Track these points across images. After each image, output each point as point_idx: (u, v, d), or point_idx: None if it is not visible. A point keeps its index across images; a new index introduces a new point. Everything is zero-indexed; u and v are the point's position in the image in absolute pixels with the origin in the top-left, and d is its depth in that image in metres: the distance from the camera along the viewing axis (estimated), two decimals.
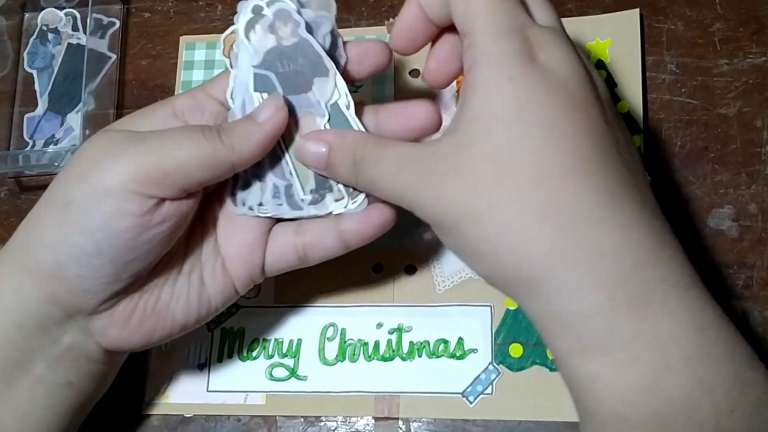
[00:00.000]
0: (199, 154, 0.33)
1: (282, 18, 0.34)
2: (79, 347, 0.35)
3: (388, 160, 0.32)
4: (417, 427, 0.40)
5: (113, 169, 0.32)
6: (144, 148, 0.33)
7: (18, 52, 0.51)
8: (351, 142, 0.33)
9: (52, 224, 0.33)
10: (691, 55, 0.45)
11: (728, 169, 0.43)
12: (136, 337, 0.36)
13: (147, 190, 0.32)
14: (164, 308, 0.36)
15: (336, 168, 0.34)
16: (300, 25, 0.34)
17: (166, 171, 0.32)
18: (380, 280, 0.43)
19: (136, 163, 0.32)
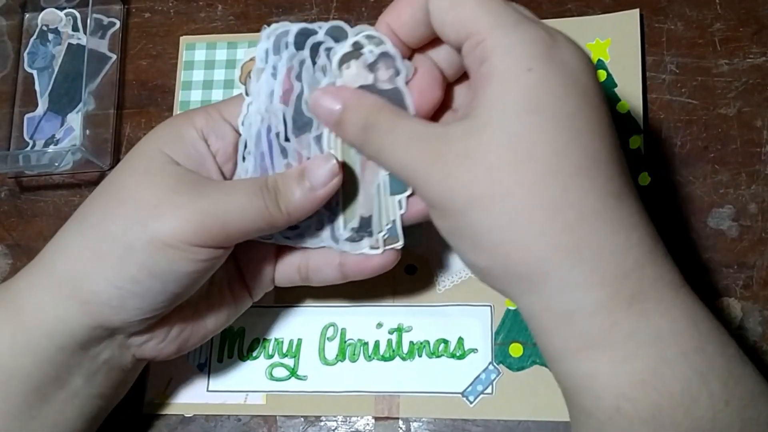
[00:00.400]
0: (258, 218, 0.34)
1: (386, 62, 0.33)
2: (116, 360, 0.36)
3: (402, 131, 0.32)
4: (417, 427, 0.40)
5: (175, 222, 0.32)
6: (205, 204, 0.33)
7: (18, 52, 0.51)
8: (367, 105, 0.33)
9: (116, 265, 0.33)
10: (691, 55, 0.45)
11: (728, 169, 0.43)
12: (171, 347, 0.37)
13: (207, 243, 0.33)
14: (199, 319, 0.38)
15: (345, 127, 0.33)
16: (401, 74, 0.33)
17: (226, 231, 0.33)
18: (380, 280, 0.43)
19: (198, 219, 0.33)
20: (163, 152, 0.35)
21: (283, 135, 0.35)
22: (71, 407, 0.36)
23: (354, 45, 0.34)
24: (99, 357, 0.35)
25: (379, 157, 0.33)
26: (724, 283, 0.41)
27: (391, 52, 0.33)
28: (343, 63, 0.34)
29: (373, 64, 0.34)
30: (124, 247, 0.33)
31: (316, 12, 0.49)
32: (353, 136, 0.33)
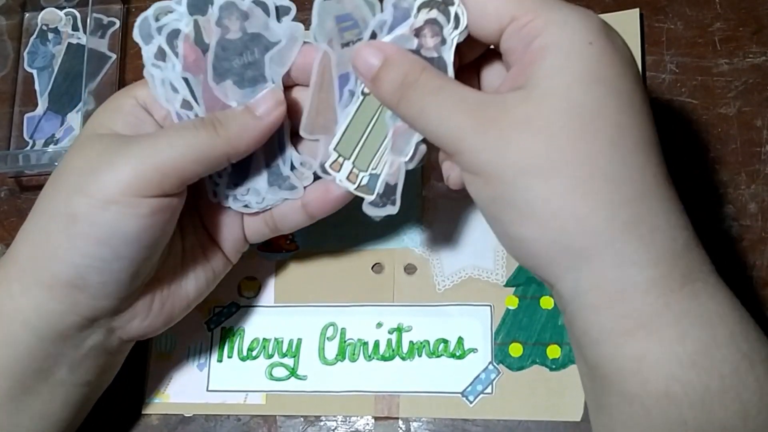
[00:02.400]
0: (194, 151, 0.33)
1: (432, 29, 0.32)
2: (101, 346, 0.36)
3: (449, 94, 0.31)
4: (417, 426, 0.40)
5: (110, 177, 0.32)
6: (137, 152, 0.32)
7: (18, 51, 0.51)
8: (410, 63, 0.32)
9: (63, 239, 0.33)
10: (691, 55, 0.45)
11: (728, 169, 0.43)
12: (157, 322, 0.37)
13: (148, 191, 0.32)
14: (178, 288, 0.38)
15: (381, 84, 0.32)
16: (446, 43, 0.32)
17: (163, 171, 0.32)
18: (380, 280, 0.43)
19: (132, 168, 0.32)
20: (100, 124, 0.35)
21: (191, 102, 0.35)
22: (56, 397, 0.35)
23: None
24: (84, 345, 0.35)
25: (421, 116, 0.31)
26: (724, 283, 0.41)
27: (440, 20, 0.32)
28: (424, 8, 0.32)
29: (419, 29, 0.33)
30: (67, 218, 0.32)
31: None
32: (389, 93, 0.32)
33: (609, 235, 0.28)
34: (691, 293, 0.28)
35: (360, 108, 0.34)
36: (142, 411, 0.42)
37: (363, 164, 0.35)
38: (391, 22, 0.33)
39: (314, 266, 0.44)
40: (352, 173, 0.35)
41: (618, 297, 0.28)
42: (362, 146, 0.35)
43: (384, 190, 0.35)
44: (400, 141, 0.34)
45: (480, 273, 0.42)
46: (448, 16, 0.32)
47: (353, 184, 0.35)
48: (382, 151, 0.35)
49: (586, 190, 0.28)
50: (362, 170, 0.35)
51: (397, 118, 0.34)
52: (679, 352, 0.27)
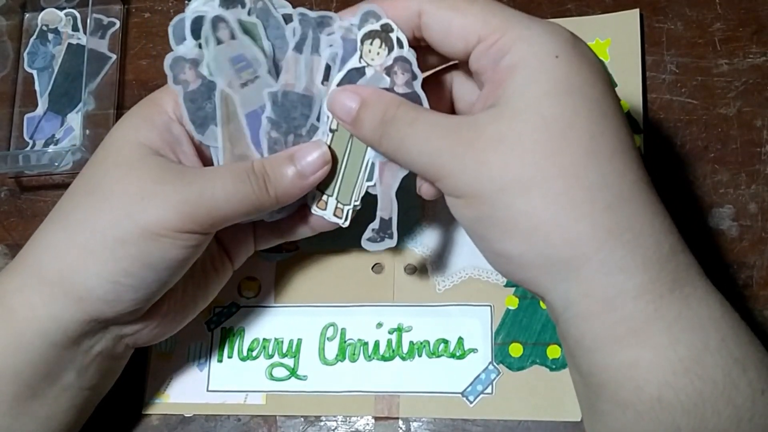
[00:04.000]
0: (245, 204, 0.34)
1: (402, 66, 0.33)
2: (109, 351, 0.36)
3: (425, 122, 0.31)
4: (417, 426, 0.40)
5: (162, 213, 0.33)
6: (191, 191, 0.33)
7: (18, 52, 0.51)
8: (386, 101, 0.33)
9: (108, 260, 0.33)
10: (691, 55, 0.45)
11: (728, 169, 0.43)
12: (166, 329, 0.38)
13: (195, 230, 0.33)
14: (188, 298, 0.38)
15: (362, 124, 0.33)
16: (417, 78, 0.33)
17: (213, 217, 0.33)
18: (380, 280, 0.43)
19: (185, 207, 0.33)
20: (139, 142, 0.34)
21: None
22: (62, 401, 0.36)
23: (383, 26, 0.33)
24: (92, 350, 0.35)
25: (401, 149, 0.32)
26: (724, 283, 0.41)
27: (408, 57, 0.33)
28: (366, 39, 0.34)
29: (390, 68, 0.34)
30: (114, 241, 0.33)
31: None
32: (370, 132, 0.33)
33: (594, 244, 0.28)
34: (681, 298, 0.28)
35: (331, 146, 0.35)
36: (142, 411, 0.42)
37: (346, 198, 0.36)
38: (341, 54, 0.35)
39: (314, 266, 0.44)
40: (338, 208, 0.36)
41: (608, 304, 0.28)
42: (341, 181, 0.36)
43: (380, 225, 0.36)
44: (387, 176, 0.35)
45: (480, 273, 0.42)
46: (391, 43, 0.33)
47: (341, 218, 0.36)
48: (360, 181, 0.36)
49: (566, 200, 0.28)
50: (346, 204, 0.36)
51: (380, 155, 0.34)
52: (671, 358, 0.27)
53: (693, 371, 0.27)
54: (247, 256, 0.41)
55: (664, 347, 0.27)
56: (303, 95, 0.35)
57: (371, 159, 0.35)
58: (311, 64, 0.35)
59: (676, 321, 0.28)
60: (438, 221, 0.43)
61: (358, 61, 0.34)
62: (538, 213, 0.28)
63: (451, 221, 0.43)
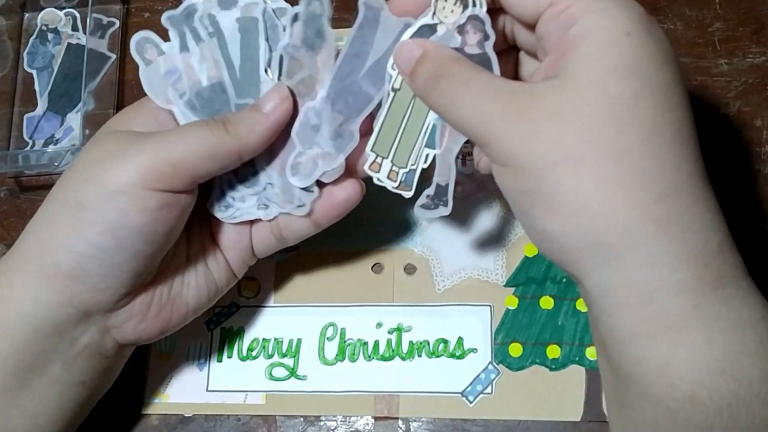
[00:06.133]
0: (205, 146, 0.33)
1: (475, 25, 0.33)
2: (96, 345, 0.36)
3: (480, 83, 0.30)
4: (417, 426, 0.40)
5: (122, 167, 0.33)
6: (150, 146, 0.33)
7: (18, 52, 0.51)
8: (446, 55, 0.32)
9: (68, 227, 0.33)
10: (691, 55, 0.45)
11: (728, 169, 0.43)
12: (153, 327, 0.37)
13: (158, 185, 0.33)
14: (178, 296, 0.37)
15: (418, 75, 0.32)
16: (489, 39, 0.33)
17: (174, 165, 0.33)
18: (380, 280, 0.43)
19: (145, 160, 0.33)
20: (118, 123, 0.35)
21: None
22: (51, 395, 0.35)
23: None
24: (78, 341, 0.35)
25: (451, 107, 0.31)
26: None
27: (481, 16, 0.32)
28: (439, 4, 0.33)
29: (462, 27, 0.33)
30: (75, 207, 0.33)
31: None
32: (422, 84, 0.32)
33: (640, 234, 0.27)
34: (722, 297, 0.27)
35: (392, 105, 0.35)
36: (142, 411, 0.42)
37: (402, 161, 0.35)
38: (361, 21, 0.34)
39: (314, 266, 0.44)
40: (392, 171, 0.35)
41: (647, 298, 0.27)
42: (399, 143, 0.35)
43: (435, 191, 0.35)
44: (448, 140, 0.34)
45: (480, 273, 0.42)
46: (466, 1, 0.33)
47: (394, 181, 0.35)
48: (419, 145, 0.35)
49: (618, 185, 0.27)
50: (402, 167, 0.35)
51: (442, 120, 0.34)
52: (707, 357, 0.27)
53: (728, 372, 0.27)
54: (246, 263, 0.40)
55: (699, 346, 0.27)
56: (211, 85, 0.36)
57: (432, 121, 0.34)
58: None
59: (715, 320, 0.27)
60: (438, 221, 0.43)
61: (431, 18, 0.33)
62: (587, 194, 0.27)
63: (451, 221, 0.43)
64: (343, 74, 0.35)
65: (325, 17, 0.35)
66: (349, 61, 0.35)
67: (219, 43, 0.36)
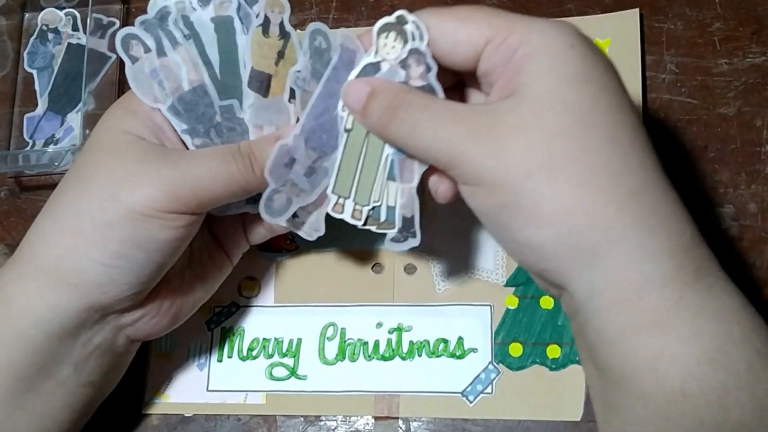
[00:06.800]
0: (231, 183, 0.34)
1: (417, 58, 0.33)
2: (108, 344, 0.36)
3: (439, 108, 0.31)
4: (417, 426, 0.40)
5: (147, 192, 0.33)
6: (176, 173, 0.33)
7: (18, 52, 0.51)
8: (397, 88, 0.32)
9: (98, 242, 0.33)
10: (691, 55, 0.45)
11: (728, 169, 0.43)
12: (165, 320, 0.38)
13: (181, 210, 0.34)
14: (187, 288, 0.38)
15: (371, 110, 0.33)
16: (432, 70, 0.33)
17: (198, 197, 0.34)
18: (380, 280, 0.43)
19: (170, 188, 0.33)
20: (123, 129, 0.35)
21: None
22: (59, 397, 0.35)
23: (398, 18, 0.33)
24: (91, 342, 0.35)
25: (413, 135, 0.31)
26: None
27: (422, 49, 0.33)
28: (382, 32, 0.34)
29: (404, 61, 0.33)
30: (102, 223, 0.33)
31: (316, 12, 0.49)
32: (377, 119, 0.32)
33: (620, 229, 0.27)
34: (704, 287, 0.28)
35: (347, 145, 0.35)
36: (142, 411, 0.42)
37: (363, 199, 0.35)
38: (335, 63, 0.35)
39: (314, 266, 0.44)
40: (356, 210, 0.36)
41: (634, 293, 0.27)
42: (358, 182, 0.35)
43: (402, 224, 0.35)
44: (407, 172, 0.34)
45: (480, 273, 0.42)
46: (406, 36, 0.33)
47: (359, 220, 0.36)
48: (380, 180, 0.35)
49: (592, 186, 0.28)
50: (364, 205, 0.35)
51: (400, 152, 0.34)
52: (695, 349, 0.27)
53: (717, 362, 0.27)
54: (242, 249, 0.41)
55: (687, 338, 0.27)
56: (193, 89, 0.36)
57: (390, 155, 0.34)
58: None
59: (700, 311, 0.27)
60: (438, 221, 0.43)
61: (374, 56, 0.34)
62: (564, 198, 0.28)
63: (451, 221, 0.43)
64: (317, 113, 0.35)
65: (331, 50, 0.35)
66: (323, 101, 0.35)
67: (196, 45, 0.36)
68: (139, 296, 0.35)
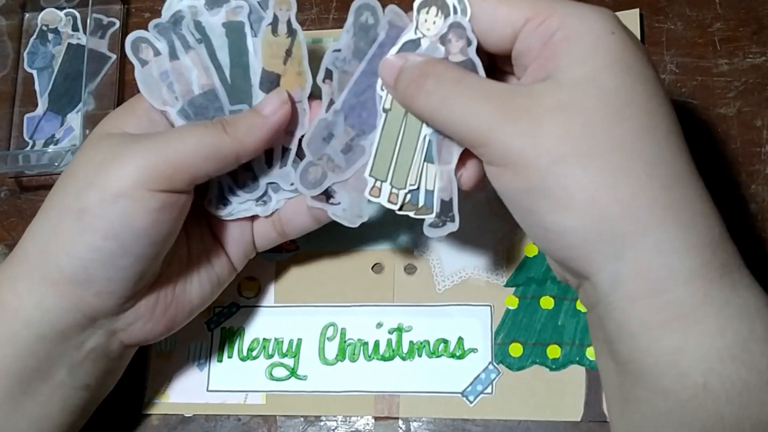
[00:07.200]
0: (204, 147, 0.34)
1: (456, 32, 0.33)
2: (102, 349, 0.36)
3: (472, 83, 0.31)
4: (417, 426, 0.40)
5: (122, 170, 0.33)
6: (149, 147, 0.33)
7: (18, 52, 0.51)
8: (428, 59, 0.32)
9: (71, 233, 0.33)
10: (691, 55, 0.45)
11: (728, 169, 0.43)
12: (159, 327, 0.37)
13: (159, 185, 0.33)
14: (182, 293, 0.38)
15: (399, 82, 0.32)
16: (472, 44, 0.32)
17: (173, 166, 0.33)
18: (380, 280, 0.43)
19: (144, 161, 0.33)
20: (112, 125, 0.35)
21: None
22: (55, 400, 0.35)
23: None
24: (83, 346, 0.35)
25: (442, 108, 0.31)
26: None
27: (463, 23, 0.32)
28: (423, 7, 0.33)
29: (444, 36, 0.33)
30: (77, 212, 0.33)
31: (316, 12, 0.49)
32: (404, 88, 0.32)
33: (650, 221, 0.27)
34: (729, 284, 0.27)
35: (385, 126, 0.34)
36: (142, 411, 0.42)
37: (400, 182, 0.35)
38: (383, 39, 0.34)
39: (314, 266, 0.44)
40: (392, 194, 0.35)
41: (659, 286, 0.27)
42: (395, 164, 0.35)
43: (441, 208, 0.34)
44: (445, 152, 0.34)
45: (480, 273, 0.42)
46: (447, 10, 0.33)
47: (395, 204, 0.35)
48: (417, 162, 0.34)
49: (625, 175, 0.27)
50: (401, 188, 0.35)
51: (438, 133, 0.33)
52: (718, 345, 0.27)
53: (739, 359, 0.26)
54: (248, 256, 0.40)
55: (711, 333, 0.27)
56: (204, 93, 0.36)
57: (428, 135, 0.34)
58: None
59: (724, 307, 0.27)
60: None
61: (414, 33, 0.33)
62: (596, 186, 0.28)
63: None
64: (359, 90, 0.35)
65: (378, 27, 0.35)
66: (366, 78, 0.35)
67: (207, 50, 0.36)
68: (122, 294, 0.34)
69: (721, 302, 0.27)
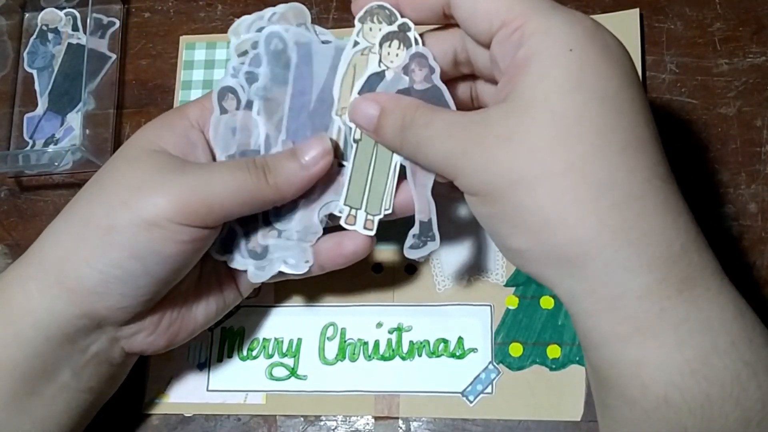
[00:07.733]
0: (243, 194, 0.34)
1: (419, 61, 0.34)
2: (105, 354, 0.36)
3: (439, 123, 0.32)
4: (417, 426, 0.40)
5: (159, 199, 0.33)
6: (189, 182, 0.33)
7: (18, 52, 0.51)
8: (404, 106, 0.33)
9: (96, 246, 0.33)
10: (691, 55, 0.45)
11: (728, 169, 0.43)
12: (161, 341, 0.37)
13: (191, 221, 0.33)
14: (188, 313, 0.38)
15: (384, 131, 0.33)
16: (435, 71, 0.34)
17: (210, 206, 0.33)
18: (380, 280, 0.43)
19: (182, 196, 0.33)
20: (150, 140, 0.35)
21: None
22: (59, 401, 0.36)
23: (400, 26, 0.34)
24: (88, 350, 0.35)
25: (418, 152, 0.32)
26: None
27: (424, 52, 0.34)
28: (385, 41, 0.34)
29: (407, 67, 0.34)
30: (106, 228, 0.33)
31: (316, 12, 0.49)
32: (391, 138, 0.33)
33: (598, 242, 0.28)
34: (690, 299, 0.28)
35: (356, 155, 0.35)
36: (142, 411, 0.42)
37: (375, 208, 0.36)
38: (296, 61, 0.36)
39: None
40: (368, 220, 0.36)
41: (612, 304, 0.28)
42: (369, 192, 0.35)
43: (420, 229, 0.35)
44: (420, 176, 0.35)
45: (480, 273, 0.42)
46: (409, 42, 0.34)
47: (371, 230, 0.36)
48: (389, 189, 0.35)
49: (572, 198, 0.28)
50: (376, 214, 0.36)
51: None
52: (678, 359, 0.27)
53: (700, 373, 0.27)
54: (253, 285, 0.40)
55: (670, 348, 0.27)
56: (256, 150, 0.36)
57: (399, 162, 0.35)
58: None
59: (684, 322, 0.27)
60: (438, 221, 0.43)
61: (378, 66, 0.34)
62: (545, 210, 0.28)
63: (451, 221, 0.43)
64: (295, 114, 0.36)
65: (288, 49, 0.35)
66: (297, 100, 0.36)
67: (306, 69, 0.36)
68: (133, 310, 0.35)
69: (679, 317, 0.27)
